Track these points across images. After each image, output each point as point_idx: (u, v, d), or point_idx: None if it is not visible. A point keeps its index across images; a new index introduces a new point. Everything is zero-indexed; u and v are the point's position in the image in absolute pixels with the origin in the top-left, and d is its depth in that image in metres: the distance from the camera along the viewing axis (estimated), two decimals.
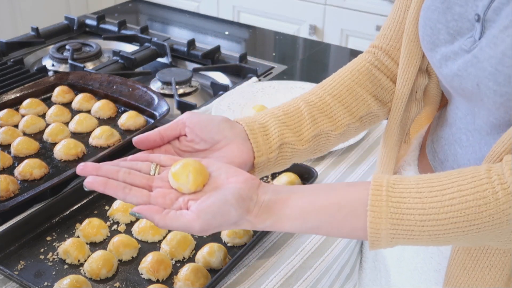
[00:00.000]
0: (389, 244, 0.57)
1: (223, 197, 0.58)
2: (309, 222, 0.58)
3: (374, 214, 0.55)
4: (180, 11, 1.88)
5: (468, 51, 0.61)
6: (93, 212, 0.90)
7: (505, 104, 0.58)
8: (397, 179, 0.56)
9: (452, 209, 0.53)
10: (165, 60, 1.50)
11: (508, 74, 0.55)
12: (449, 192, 0.53)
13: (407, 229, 0.54)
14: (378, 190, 0.55)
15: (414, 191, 0.54)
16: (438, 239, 0.55)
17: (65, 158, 1.00)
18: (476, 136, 0.67)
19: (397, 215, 0.54)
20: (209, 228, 0.57)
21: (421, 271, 0.79)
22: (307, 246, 0.85)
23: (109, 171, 0.61)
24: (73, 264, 0.79)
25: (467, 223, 0.53)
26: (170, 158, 0.65)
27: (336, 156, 1.06)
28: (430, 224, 0.53)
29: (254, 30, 1.78)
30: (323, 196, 0.59)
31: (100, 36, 1.61)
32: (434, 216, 0.53)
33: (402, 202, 0.54)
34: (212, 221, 0.57)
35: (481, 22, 0.60)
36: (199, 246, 0.82)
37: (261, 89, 1.27)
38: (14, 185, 0.91)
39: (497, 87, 0.57)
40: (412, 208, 0.54)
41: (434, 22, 0.66)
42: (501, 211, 0.52)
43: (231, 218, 0.58)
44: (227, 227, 0.59)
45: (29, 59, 1.48)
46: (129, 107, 1.17)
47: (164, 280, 0.77)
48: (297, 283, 0.79)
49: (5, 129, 1.06)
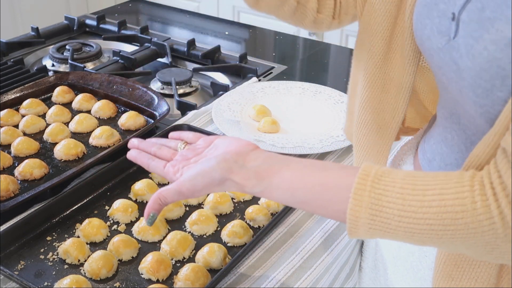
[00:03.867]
0: (367, 234, 0.57)
1: (207, 161, 0.65)
2: (296, 197, 0.61)
3: (355, 202, 0.55)
4: (180, 11, 1.88)
5: (445, 51, 0.61)
6: (93, 212, 0.90)
7: (485, 115, 0.58)
8: (385, 171, 0.56)
9: (430, 211, 0.53)
10: (165, 60, 1.50)
11: (486, 88, 0.55)
12: (431, 193, 0.53)
13: (384, 221, 0.55)
14: (363, 180, 0.56)
15: (398, 185, 0.55)
16: (413, 237, 0.55)
17: (65, 158, 1.00)
18: (461, 136, 0.67)
19: (376, 206, 0.55)
20: (195, 189, 0.65)
21: (416, 269, 0.79)
22: (307, 246, 0.85)
23: (146, 146, 0.76)
24: (73, 264, 0.79)
25: (442, 227, 0.53)
26: (197, 136, 0.75)
27: (336, 156, 1.06)
28: (406, 221, 0.54)
29: (254, 30, 1.78)
30: (314, 174, 0.60)
31: (100, 36, 1.61)
32: (412, 214, 0.54)
33: (384, 194, 0.55)
34: (197, 182, 0.64)
35: (455, 21, 0.60)
36: (199, 246, 0.82)
37: (261, 89, 1.27)
38: (14, 185, 0.92)
39: (476, 98, 0.57)
40: (392, 202, 0.54)
41: (423, 17, 0.67)
42: (477, 221, 0.52)
43: (215, 179, 0.64)
44: (214, 189, 0.65)
45: (29, 59, 1.48)
46: (129, 107, 1.17)
47: (164, 280, 0.77)
48: (297, 283, 0.79)
49: (5, 129, 1.06)
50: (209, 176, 0.64)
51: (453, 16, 0.60)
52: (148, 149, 0.75)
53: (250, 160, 0.64)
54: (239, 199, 0.93)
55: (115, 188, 0.95)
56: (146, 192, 0.92)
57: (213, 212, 0.89)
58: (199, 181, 0.64)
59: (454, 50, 0.60)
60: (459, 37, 0.59)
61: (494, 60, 0.54)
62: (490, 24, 0.55)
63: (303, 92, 1.27)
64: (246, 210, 0.90)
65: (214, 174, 0.64)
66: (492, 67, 0.55)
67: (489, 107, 0.57)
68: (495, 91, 0.55)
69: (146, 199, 0.92)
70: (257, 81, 1.36)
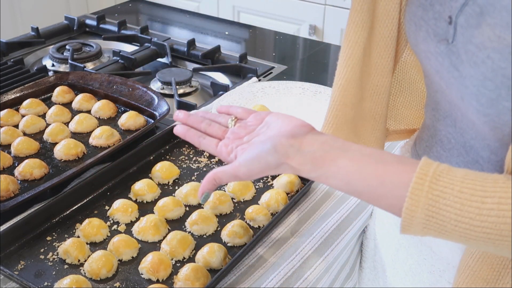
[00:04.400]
0: (420, 233, 0.56)
1: (262, 144, 0.64)
2: (352, 186, 0.60)
3: (411, 202, 0.54)
4: (180, 11, 1.88)
5: (444, 56, 0.60)
6: (93, 212, 0.90)
7: (489, 123, 0.57)
8: (444, 170, 0.54)
9: (488, 220, 0.52)
10: (165, 60, 1.50)
11: (491, 97, 0.54)
12: (490, 201, 0.52)
13: (440, 224, 0.54)
14: (421, 179, 0.54)
15: (456, 189, 0.53)
16: (468, 241, 0.54)
17: (65, 158, 1.00)
18: (459, 139, 0.66)
19: (433, 208, 0.53)
20: (251, 174, 0.65)
21: (415, 272, 0.79)
22: (307, 246, 0.85)
23: (196, 121, 0.74)
24: (73, 264, 0.79)
25: (499, 237, 0.52)
26: (246, 111, 0.74)
27: None
28: (463, 226, 0.53)
29: (254, 30, 1.78)
30: (370, 166, 0.59)
31: (100, 36, 1.61)
32: (469, 221, 0.52)
33: (441, 197, 0.53)
34: (253, 167, 0.64)
35: (453, 25, 0.59)
36: (199, 246, 0.82)
37: (261, 89, 1.27)
38: (14, 185, 0.92)
39: (480, 108, 0.56)
40: (449, 206, 0.53)
41: (417, 18, 0.65)
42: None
43: (271, 164, 0.63)
44: (269, 172, 0.64)
45: (29, 59, 1.48)
46: (129, 107, 1.17)
47: (164, 280, 0.77)
48: (297, 283, 0.79)
49: (5, 129, 1.06)
50: (265, 161, 0.63)
51: (450, 20, 0.59)
52: (198, 125, 0.74)
53: (307, 144, 0.62)
54: (239, 199, 0.93)
55: (115, 188, 0.95)
56: (146, 192, 0.92)
57: (213, 212, 0.89)
58: (255, 166, 0.64)
59: (453, 55, 0.59)
60: (458, 42, 0.58)
61: (499, 70, 0.53)
62: (491, 31, 0.53)
63: (303, 92, 1.27)
64: (246, 210, 0.89)
65: (270, 158, 0.63)
66: (497, 76, 0.53)
67: (494, 116, 0.55)
68: (500, 101, 0.54)
69: (146, 199, 0.92)
70: (257, 81, 1.36)
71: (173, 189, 0.95)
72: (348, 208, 0.93)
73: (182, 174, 0.99)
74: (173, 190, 0.95)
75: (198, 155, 1.05)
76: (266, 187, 0.96)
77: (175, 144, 1.07)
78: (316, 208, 0.93)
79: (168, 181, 0.97)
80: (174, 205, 0.88)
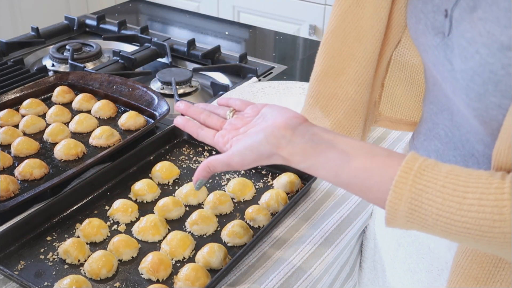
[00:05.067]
0: (405, 226, 0.57)
1: (256, 134, 0.65)
2: (340, 178, 0.61)
3: (395, 195, 0.55)
4: (180, 11, 1.88)
5: (440, 49, 0.60)
6: (93, 212, 0.90)
7: (478, 118, 0.57)
8: (429, 165, 0.55)
9: (468, 215, 0.52)
10: (165, 60, 1.50)
11: (479, 92, 0.55)
12: (471, 197, 0.52)
13: (422, 217, 0.54)
14: (406, 173, 0.55)
15: (440, 184, 0.54)
16: (449, 235, 0.55)
17: (65, 158, 1.00)
18: (455, 133, 0.66)
19: (416, 202, 0.54)
20: (244, 163, 0.66)
21: (414, 271, 0.79)
22: (307, 246, 0.85)
23: (195, 112, 0.76)
24: (73, 264, 0.79)
25: (479, 232, 0.52)
26: (244, 103, 0.75)
27: None
28: (444, 220, 0.53)
29: (254, 30, 1.78)
30: (359, 159, 0.59)
31: (100, 36, 1.61)
32: (450, 215, 0.53)
33: (424, 191, 0.54)
34: (246, 156, 0.66)
35: (448, 18, 0.59)
36: (199, 246, 0.82)
37: (261, 89, 1.27)
38: (14, 185, 0.92)
39: (469, 102, 0.57)
40: (431, 200, 0.53)
41: (418, 11, 0.66)
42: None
43: (263, 154, 0.65)
44: (262, 162, 0.66)
45: (29, 59, 1.48)
46: (129, 107, 1.17)
47: (164, 280, 0.77)
48: (297, 283, 0.79)
49: (5, 129, 1.06)
50: (257, 150, 0.65)
51: (446, 13, 0.59)
52: (197, 116, 0.76)
53: (298, 135, 0.63)
54: (239, 199, 0.93)
55: (115, 188, 0.95)
56: (146, 192, 0.92)
57: (213, 212, 0.89)
58: (248, 156, 0.65)
59: (448, 49, 0.59)
60: (452, 35, 0.58)
61: (487, 65, 0.53)
62: (482, 26, 0.53)
63: (303, 92, 1.27)
64: (246, 210, 0.89)
65: (262, 148, 0.64)
66: (484, 71, 0.54)
67: (483, 111, 0.56)
68: (488, 96, 0.54)
69: (146, 199, 0.92)
70: (257, 81, 1.36)
71: (173, 189, 0.96)
72: (348, 208, 0.93)
73: (182, 174, 0.99)
74: (173, 190, 0.95)
75: (198, 155, 1.05)
76: (266, 187, 0.96)
77: (175, 144, 1.07)
78: (316, 208, 0.93)
79: (168, 181, 0.97)
80: (174, 205, 0.88)
